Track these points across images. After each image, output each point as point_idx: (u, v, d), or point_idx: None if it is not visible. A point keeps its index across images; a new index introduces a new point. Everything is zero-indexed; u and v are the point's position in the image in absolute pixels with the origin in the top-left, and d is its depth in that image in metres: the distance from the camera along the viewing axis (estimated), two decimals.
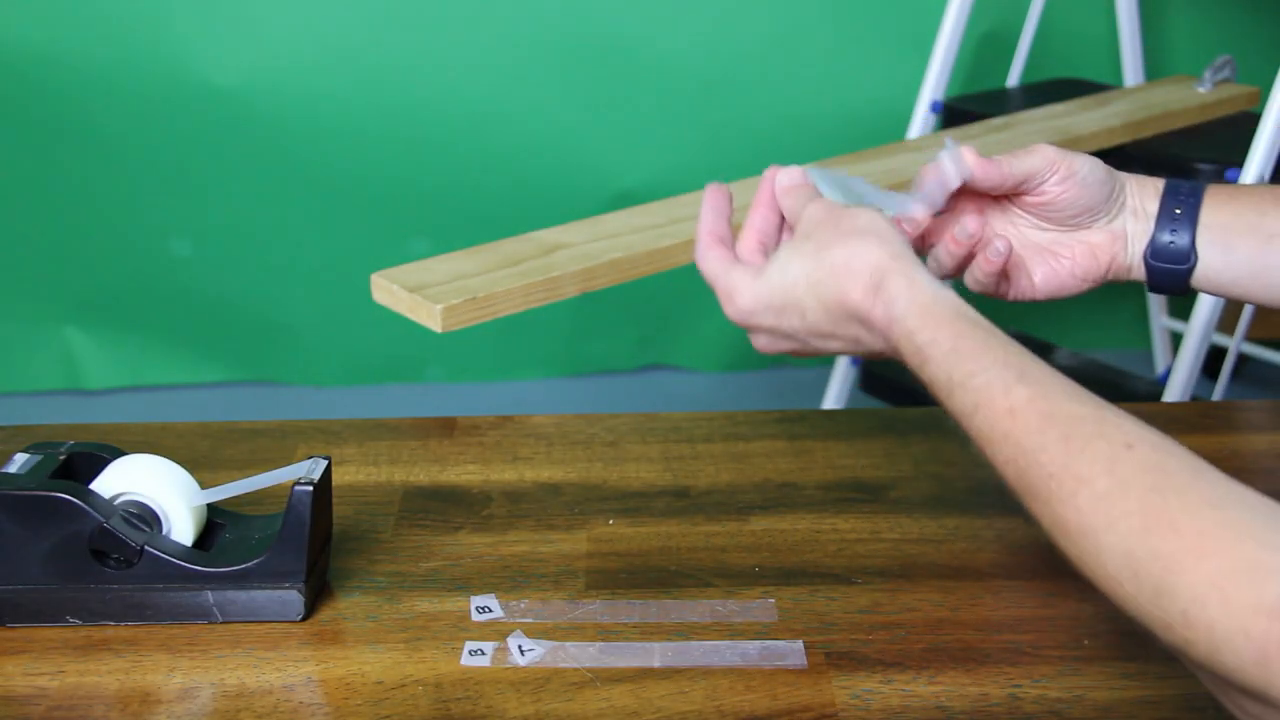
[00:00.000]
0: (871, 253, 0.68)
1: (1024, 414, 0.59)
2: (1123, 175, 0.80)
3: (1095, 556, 0.54)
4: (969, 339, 0.64)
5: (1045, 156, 0.78)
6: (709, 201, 0.78)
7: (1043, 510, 0.57)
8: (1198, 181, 0.80)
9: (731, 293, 0.73)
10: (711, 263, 0.75)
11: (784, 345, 0.74)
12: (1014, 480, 0.59)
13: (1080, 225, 0.80)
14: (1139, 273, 0.80)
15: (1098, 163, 0.79)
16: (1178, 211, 0.79)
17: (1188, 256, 0.78)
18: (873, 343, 0.70)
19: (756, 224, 0.77)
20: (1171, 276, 0.79)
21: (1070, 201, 0.78)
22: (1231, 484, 0.53)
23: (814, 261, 0.70)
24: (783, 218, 0.77)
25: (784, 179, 0.77)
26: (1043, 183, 0.78)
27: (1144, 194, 0.80)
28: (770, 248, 0.77)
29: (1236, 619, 0.48)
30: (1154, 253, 0.79)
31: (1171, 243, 0.78)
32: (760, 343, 0.75)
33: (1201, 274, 0.78)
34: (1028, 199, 0.80)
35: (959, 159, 0.77)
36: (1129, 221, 0.80)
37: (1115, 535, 0.53)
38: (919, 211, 0.77)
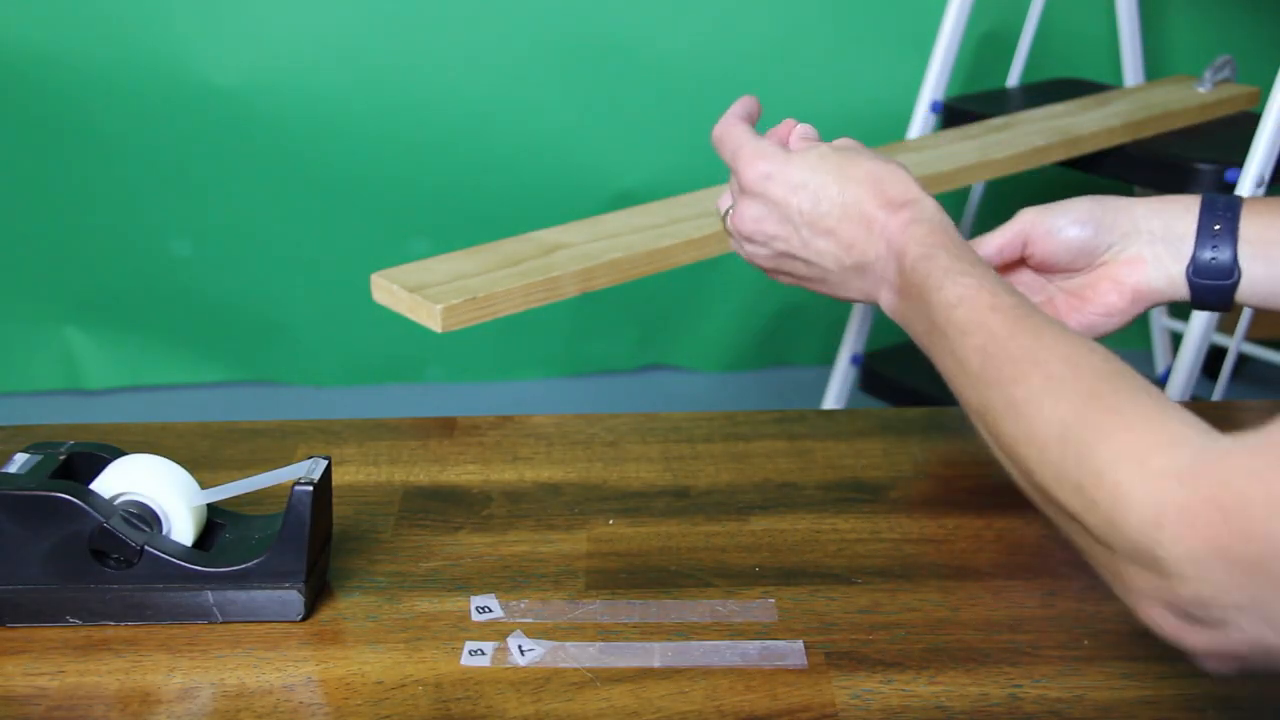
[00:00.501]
0: (907, 178, 0.73)
1: (1005, 311, 0.64)
2: (1127, 201, 0.81)
3: (1030, 425, 0.58)
4: (972, 254, 0.69)
5: (1018, 226, 0.82)
6: (739, 101, 0.84)
7: (994, 392, 0.61)
8: (1233, 196, 0.80)
9: (756, 156, 0.75)
10: (738, 132, 0.78)
11: (770, 228, 0.75)
12: (977, 365, 0.63)
13: (1090, 266, 0.81)
14: (1172, 293, 0.80)
15: (1080, 204, 0.81)
16: (1217, 227, 0.79)
17: (1231, 271, 0.78)
18: (864, 251, 0.72)
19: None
20: (1216, 292, 0.79)
21: (1062, 253, 0.81)
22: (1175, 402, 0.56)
23: (850, 162, 0.74)
24: None
25: (803, 130, 0.80)
26: (1026, 246, 0.82)
27: (1168, 214, 0.80)
28: None
29: (1145, 480, 0.52)
30: (1196, 270, 0.79)
31: (1213, 259, 0.79)
32: (750, 214, 0.76)
33: (1246, 288, 0.78)
34: (1028, 263, 0.83)
35: None
36: (1146, 246, 0.80)
37: (1057, 409, 0.57)
38: None
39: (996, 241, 0.82)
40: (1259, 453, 0.50)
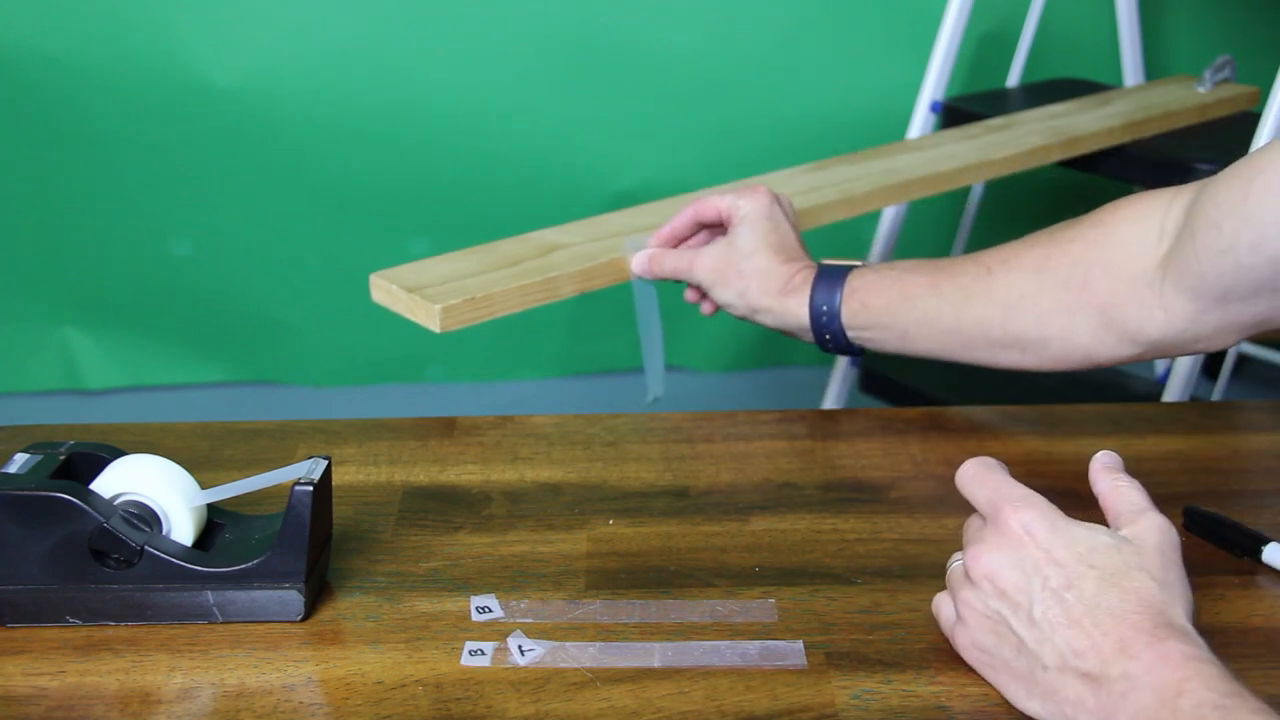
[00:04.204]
0: (1182, 607, 0.64)
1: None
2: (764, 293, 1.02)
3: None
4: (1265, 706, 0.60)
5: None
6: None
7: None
8: (836, 305, 0.98)
9: (1025, 504, 0.67)
10: (997, 478, 0.70)
11: (1005, 582, 0.65)
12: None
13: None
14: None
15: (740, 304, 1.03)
16: (827, 337, 1.00)
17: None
18: (1105, 662, 0.61)
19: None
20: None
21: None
22: None
23: (1124, 573, 0.63)
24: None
25: (1105, 459, 0.72)
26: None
27: (793, 326, 1.02)
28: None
29: None
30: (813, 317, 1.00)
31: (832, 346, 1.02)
32: (993, 558, 0.66)
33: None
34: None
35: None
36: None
37: None
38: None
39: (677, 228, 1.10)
40: None
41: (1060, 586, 0.63)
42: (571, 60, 2.28)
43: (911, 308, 0.95)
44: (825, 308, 0.98)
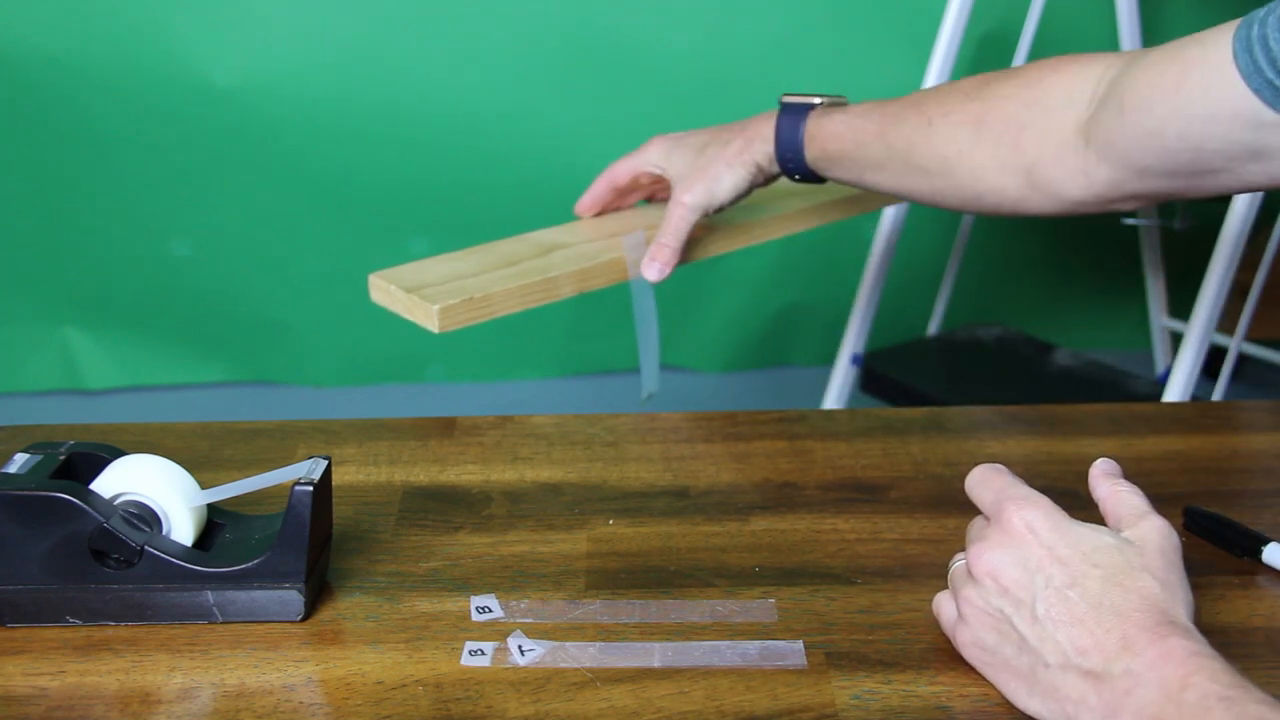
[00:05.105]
0: (1184, 607, 0.64)
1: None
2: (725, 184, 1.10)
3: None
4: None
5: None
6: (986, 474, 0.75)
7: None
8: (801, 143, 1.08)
9: (1028, 503, 0.67)
10: (1005, 480, 0.70)
11: (1007, 579, 0.65)
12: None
13: None
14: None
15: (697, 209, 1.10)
16: (797, 177, 1.09)
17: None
18: (1107, 660, 0.61)
19: None
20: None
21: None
22: None
23: (1127, 572, 0.64)
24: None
25: (1105, 466, 0.72)
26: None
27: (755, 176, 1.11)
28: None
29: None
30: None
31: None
32: (994, 556, 0.66)
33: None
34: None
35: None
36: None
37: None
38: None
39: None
40: None
41: (1063, 584, 0.63)
42: (571, 60, 2.28)
43: (865, 155, 1.04)
44: (790, 154, 1.08)
